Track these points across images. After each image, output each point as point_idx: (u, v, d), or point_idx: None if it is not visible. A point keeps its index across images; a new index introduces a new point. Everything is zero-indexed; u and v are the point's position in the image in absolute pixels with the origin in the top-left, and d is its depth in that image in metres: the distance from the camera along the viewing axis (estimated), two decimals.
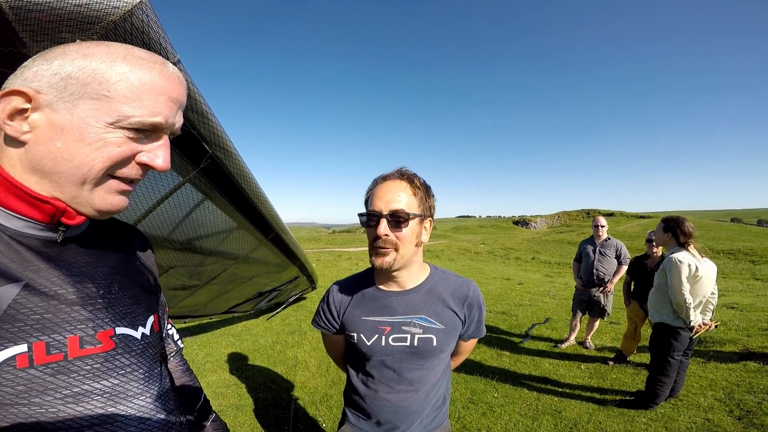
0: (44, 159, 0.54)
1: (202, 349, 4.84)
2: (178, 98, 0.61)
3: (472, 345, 1.34)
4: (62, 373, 0.55)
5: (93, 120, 0.54)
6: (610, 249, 4.51)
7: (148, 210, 1.90)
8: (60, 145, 0.53)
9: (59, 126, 0.53)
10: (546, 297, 8.28)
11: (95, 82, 0.54)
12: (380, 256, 1.07)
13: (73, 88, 0.53)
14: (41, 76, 0.54)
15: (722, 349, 4.41)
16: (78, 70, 0.54)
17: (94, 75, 0.54)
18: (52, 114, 0.53)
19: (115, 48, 0.56)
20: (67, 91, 0.53)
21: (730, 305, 6.68)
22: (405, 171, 1.11)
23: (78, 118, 0.53)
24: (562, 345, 4.75)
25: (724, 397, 3.30)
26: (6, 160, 0.55)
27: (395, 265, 1.07)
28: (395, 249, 1.06)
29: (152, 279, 0.80)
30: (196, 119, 1.40)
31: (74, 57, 0.54)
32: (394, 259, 1.06)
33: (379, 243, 1.06)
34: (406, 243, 1.06)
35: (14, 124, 0.53)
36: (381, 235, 1.03)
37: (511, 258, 20.20)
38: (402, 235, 1.05)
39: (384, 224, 1.04)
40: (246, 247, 3.14)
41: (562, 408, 3.25)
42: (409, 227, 1.05)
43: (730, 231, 31.26)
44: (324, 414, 3.20)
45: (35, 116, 0.54)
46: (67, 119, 0.53)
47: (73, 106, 0.53)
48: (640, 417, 3.06)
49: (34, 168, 0.55)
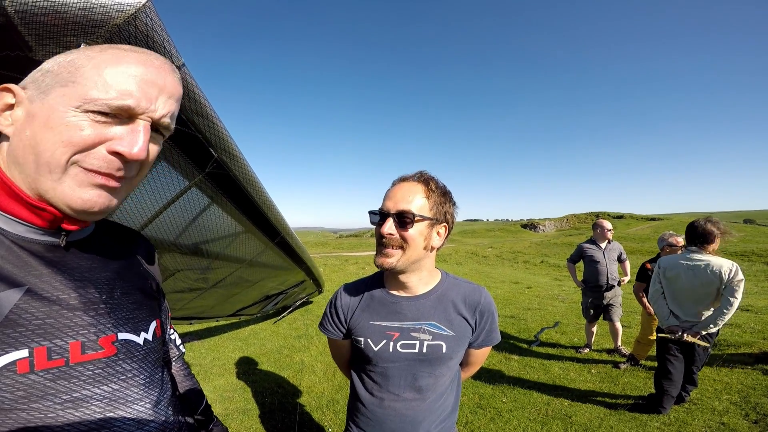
0: (17, 149, 0.54)
1: (210, 352, 4.85)
2: (157, 82, 0.57)
3: (484, 355, 1.27)
4: (63, 378, 0.55)
5: (60, 105, 0.53)
6: (614, 252, 4.55)
7: (154, 214, 1.92)
8: (28, 133, 0.54)
9: (31, 115, 0.54)
10: (555, 301, 8.18)
11: (65, 71, 0.54)
12: (383, 256, 1.05)
13: (48, 79, 0.54)
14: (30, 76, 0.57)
15: (737, 351, 4.32)
16: (56, 65, 0.55)
17: (66, 65, 0.55)
18: (29, 105, 0.54)
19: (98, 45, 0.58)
20: (44, 83, 0.54)
21: (745, 308, 6.53)
22: (424, 173, 1.09)
23: (48, 106, 0.53)
24: (583, 351, 4.66)
25: (740, 401, 3.23)
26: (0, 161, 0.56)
27: (398, 266, 1.05)
28: (401, 249, 1.04)
29: (155, 284, 0.80)
30: (201, 123, 1.41)
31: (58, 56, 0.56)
32: (397, 260, 1.04)
33: (383, 242, 1.05)
34: (413, 244, 1.04)
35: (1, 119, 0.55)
36: (385, 233, 1.02)
37: (520, 261, 20.01)
38: (407, 235, 1.02)
39: (390, 223, 1.02)
40: (252, 251, 3.15)
41: (572, 413, 3.20)
42: (415, 228, 1.03)
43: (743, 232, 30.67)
44: (330, 419, 3.18)
45: (18, 111, 0.55)
46: (39, 108, 0.54)
47: (45, 96, 0.54)
48: (652, 421, 3.00)
49: (14, 161, 0.55)
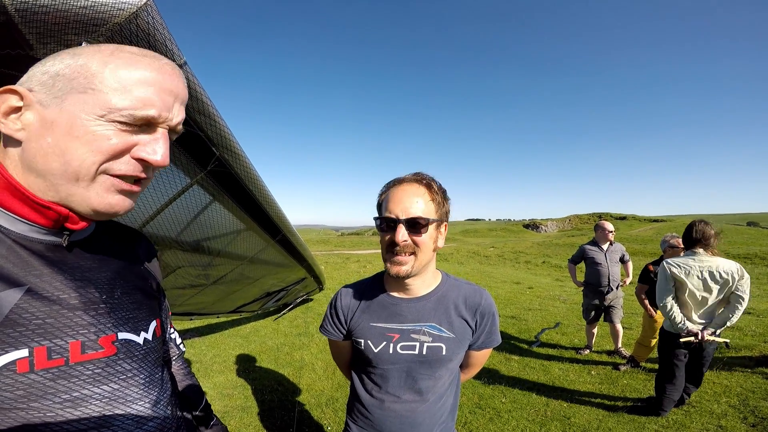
0: (36, 156, 0.54)
1: (210, 349, 4.87)
2: (173, 90, 0.59)
3: (485, 357, 1.27)
4: (63, 378, 0.55)
5: (82, 113, 0.53)
6: (617, 254, 4.54)
7: (156, 211, 1.92)
8: (50, 140, 0.53)
9: (49, 121, 0.53)
10: (556, 301, 8.17)
11: (81, 77, 0.54)
12: (397, 265, 1.03)
13: (61, 84, 0.54)
14: (33, 76, 0.55)
15: (738, 354, 4.30)
16: (65, 67, 0.54)
17: (80, 69, 0.54)
18: (43, 110, 0.53)
19: (105, 46, 0.56)
20: (56, 88, 0.54)
21: (747, 311, 6.50)
22: (423, 175, 1.07)
23: (67, 113, 0.53)
24: (583, 352, 4.67)
25: (739, 404, 3.22)
26: (8, 161, 0.56)
27: (413, 272, 1.04)
28: (413, 255, 1.03)
29: (155, 283, 0.80)
30: (203, 121, 1.41)
31: (64, 57, 0.55)
32: (411, 266, 1.03)
33: (397, 250, 1.02)
34: (425, 249, 1.03)
35: (8, 122, 0.54)
36: (399, 241, 1.00)
37: (521, 262, 19.98)
38: (421, 240, 1.01)
39: (402, 230, 1.00)
40: (254, 248, 3.16)
41: (571, 414, 3.20)
42: (428, 233, 1.02)
43: (746, 235, 30.54)
44: (329, 417, 3.20)
45: (28, 114, 0.54)
46: (56, 114, 0.53)
47: (61, 101, 0.53)
48: (651, 424, 3.00)
49: (30, 167, 0.55)
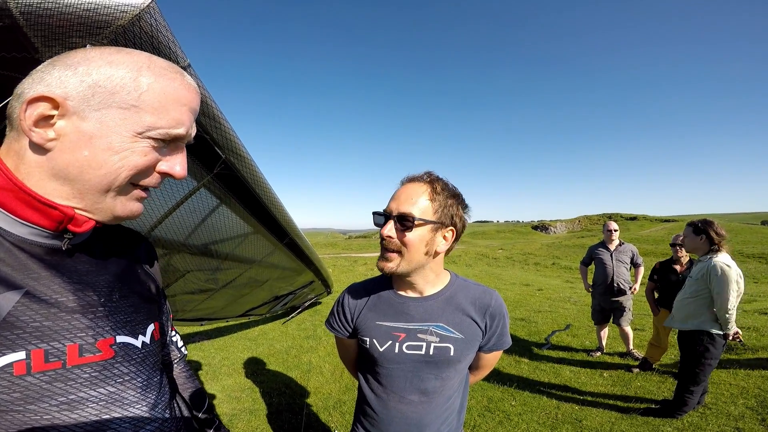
0: (69, 167, 0.53)
1: (219, 352, 4.90)
2: (196, 108, 0.63)
3: (495, 359, 1.24)
4: (59, 380, 0.55)
5: (122, 129, 0.54)
6: (625, 255, 4.45)
7: (164, 215, 1.93)
8: (87, 153, 0.53)
9: (87, 134, 0.53)
10: (566, 303, 8.07)
11: (123, 92, 0.54)
12: (383, 260, 1.04)
13: (100, 96, 0.53)
14: (66, 83, 0.52)
15: (754, 356, 4.20)
16: (105, 79, 0.53)
17: (122, 84, 0.54)
18: (80, 122, 0.53)
19: (138, 56, 0.56)
20: (95, 99, 0.53)
21: (762, 311, 6.36)
22: (432, 174, 1.05)
23: (106, 127, 0.53)
24: (595, 354, 4.61)
25: (756, 405, 3.15)
26: (23, 166, 0.54)
27: (398, 270, 1.03)
28: (398, 254, 1.02)
29: (155, 286, 0.80)
30: (209, 124, 1.42)
31: (99, 64, 0.54)
32: (396, 264, 1.02)
33: (384, 244, 1.03)
34: (412, 249, 1.00)
35: (40, 131, 0.52)
36: (384, 235, 1.01)
37: (530, 263, 19.82)
38: (406, 239, 0.99)
39: (390, 225, 1.00)
40: (262, 251, 3.16)
41: (583, 417, 3.14)
42: (415, 233, 0.99)
43: (760, 234, 29.95)
44: (337, 420, 3.18)
45: (62, 123, 0.53)
46: (95, 128, 0.53)
47: (101, 115, 0.53)
48: (666, 426, 2.94)
49: (57, 175, 0.54)
